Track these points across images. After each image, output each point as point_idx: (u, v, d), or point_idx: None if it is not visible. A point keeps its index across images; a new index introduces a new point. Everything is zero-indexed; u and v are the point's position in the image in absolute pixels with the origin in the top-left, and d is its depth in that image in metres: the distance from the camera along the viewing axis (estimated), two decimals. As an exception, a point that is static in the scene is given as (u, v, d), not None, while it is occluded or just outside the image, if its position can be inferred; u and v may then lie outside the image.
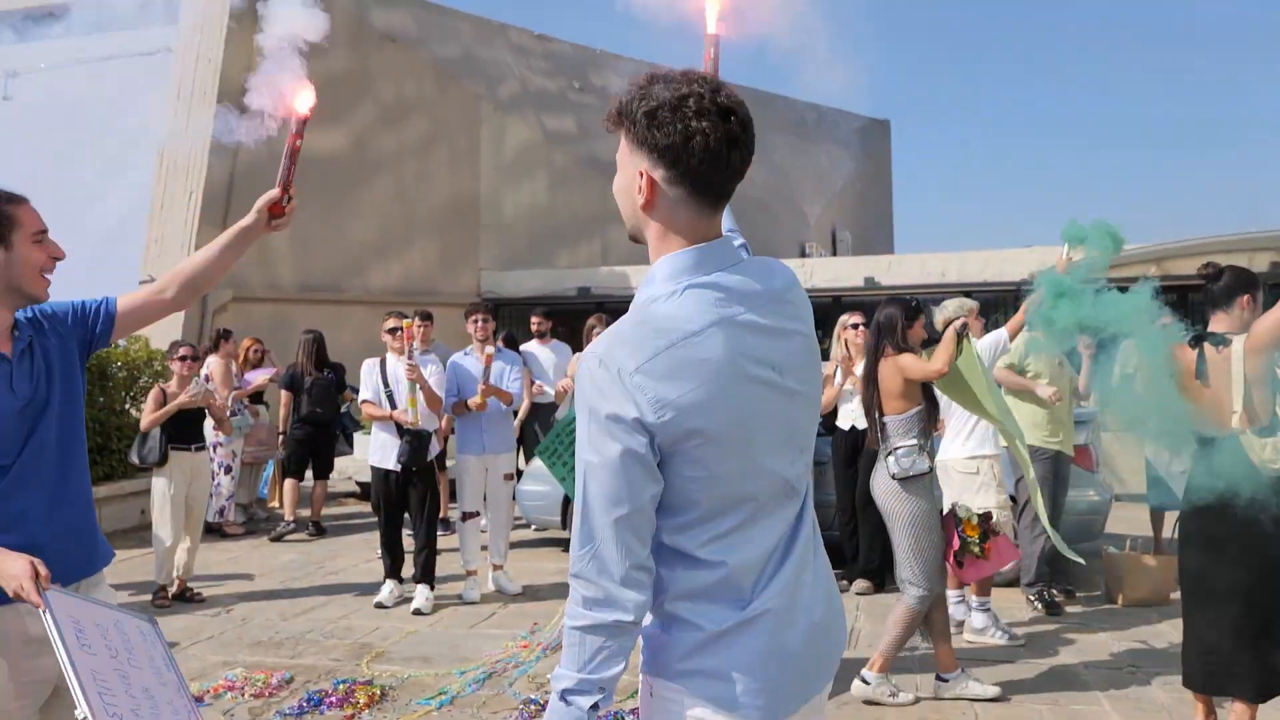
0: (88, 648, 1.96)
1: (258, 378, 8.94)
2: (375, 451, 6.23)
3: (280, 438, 8.77)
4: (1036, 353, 5.70)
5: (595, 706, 1.51)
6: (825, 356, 6.78)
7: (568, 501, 7.14)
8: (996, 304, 11.58)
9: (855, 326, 6.25)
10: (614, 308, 11.11)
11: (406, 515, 6.33)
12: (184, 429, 6.29)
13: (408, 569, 6.26)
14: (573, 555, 1.53)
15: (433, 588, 6.11)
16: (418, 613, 5.91)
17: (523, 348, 8.43)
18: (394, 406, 6.12)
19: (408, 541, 6.34)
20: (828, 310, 12.99)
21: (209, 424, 6.86)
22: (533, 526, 7.95)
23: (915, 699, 4.38)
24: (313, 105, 2.52)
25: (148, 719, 1.97)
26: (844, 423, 6.47)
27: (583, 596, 1.51)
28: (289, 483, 8.47)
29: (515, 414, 6.73)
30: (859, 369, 5.50)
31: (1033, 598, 5.79)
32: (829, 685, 1.74)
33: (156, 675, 2.13)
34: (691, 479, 1.53)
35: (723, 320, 1.54)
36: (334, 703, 4.42)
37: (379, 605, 6.07)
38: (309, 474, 8.65)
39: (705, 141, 1.53)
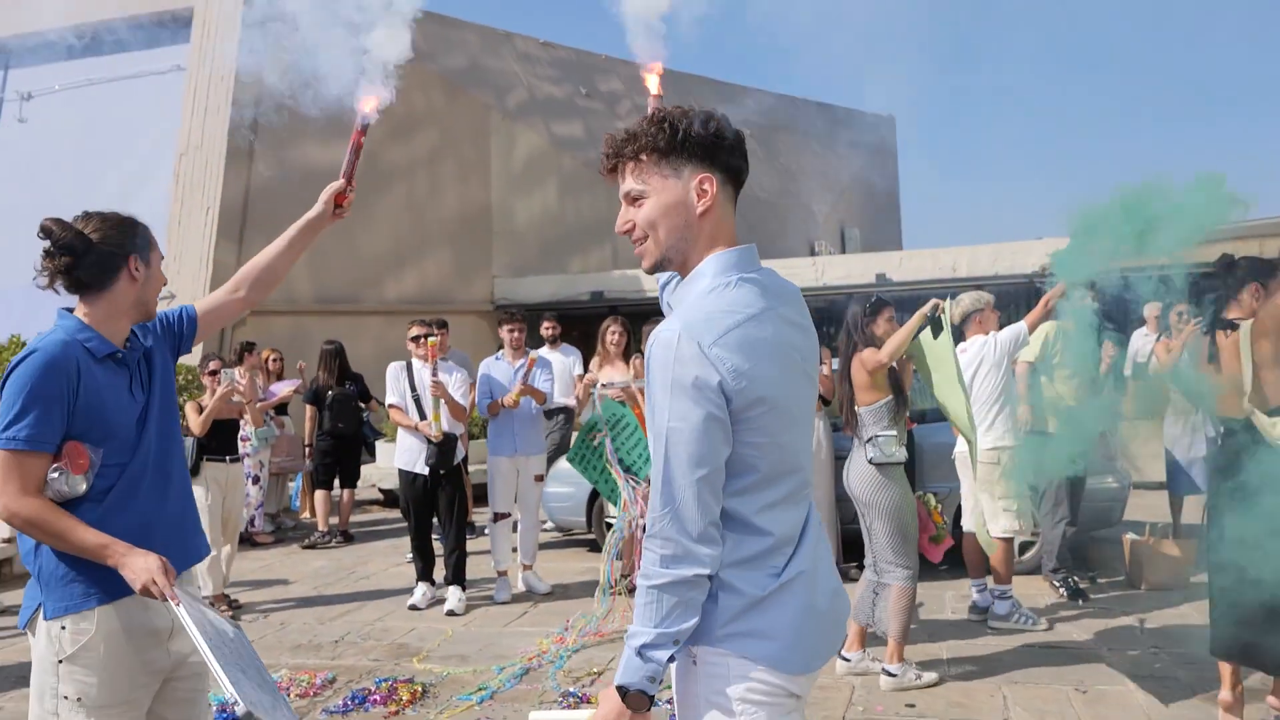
0: (215, 645, 2.05)
1: (282, 389, 9.09)
2: (402, 455, 6.34)
3: (306, 450, 8.93)
4: (1066, 342, 5.69)
5: (671, 659, 1.64)
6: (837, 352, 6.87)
7: (592, 502, 7.25)
8: (1008, 297, 11.63)
9: None
10: (627, 311, 11.18)
11: (434, 519, 6.45)
12: (219, 440, 6.42)
13: (438, 571, 6.39)
14: (650, 518, 1.66)
15: (464, 589, 6.23)
16: (451, 614, 6.03)
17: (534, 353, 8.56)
18: (420, 411, 6.25)
19: (437, 545, 6.46)
20: (842, 308, 13.07)
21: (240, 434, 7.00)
22: (553, 526, 8.04)
23: (940, 678, 4.50)
24: (376, 104, 2.65)
25: (273, 716, 2.03)
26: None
27: (660, 555, 1.63)
28: (320, 493, 8.62)
29: (545, 415, 6.88)
30: None
31: (1057, 584, 5.87)
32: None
33: (260, 674, 2.22)
34: (752, 445, 1.68)
35: (769, 309, 1.73)
36: (378, 700, 4.54)
37: (413, 607, 6.19)
38: (336, 483, 8.80)
39: (741, 145, 1.78)
